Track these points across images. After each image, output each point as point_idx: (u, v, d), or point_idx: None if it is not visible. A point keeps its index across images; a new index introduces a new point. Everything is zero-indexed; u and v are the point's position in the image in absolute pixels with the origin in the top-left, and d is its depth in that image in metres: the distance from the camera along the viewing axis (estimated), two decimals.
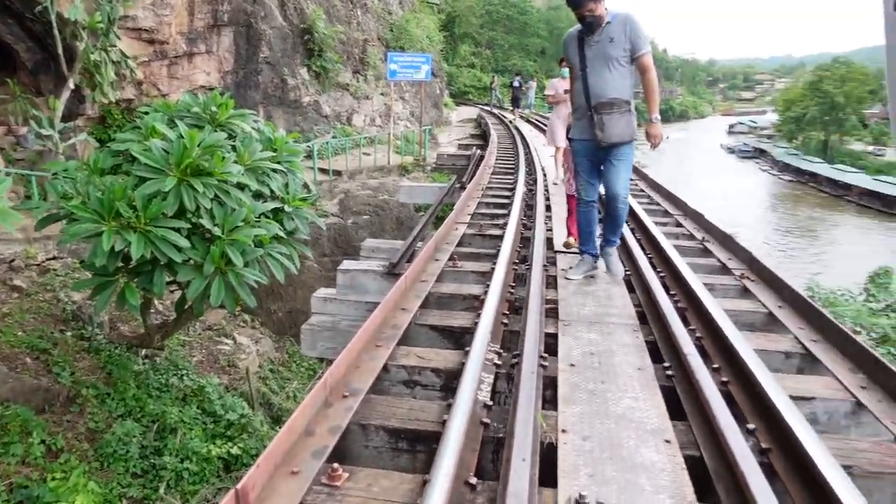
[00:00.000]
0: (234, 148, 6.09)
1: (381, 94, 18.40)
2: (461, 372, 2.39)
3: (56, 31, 9.05)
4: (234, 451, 7.21)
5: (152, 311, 9.53)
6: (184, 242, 5.26)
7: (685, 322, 3.22)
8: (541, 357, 2.55)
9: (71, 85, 9.72)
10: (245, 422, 7.98)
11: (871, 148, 71.32)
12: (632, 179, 9.28)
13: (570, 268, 4.16)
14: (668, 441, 2.07)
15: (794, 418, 2.02)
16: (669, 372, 2.66)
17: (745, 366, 2.44)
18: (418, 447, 2.10)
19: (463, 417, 1.97)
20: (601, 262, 4.23)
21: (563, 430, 2.12)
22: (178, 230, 5.25)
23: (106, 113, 11.35)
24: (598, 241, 4.25)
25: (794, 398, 2.34)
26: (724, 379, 2.55)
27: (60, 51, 9.27)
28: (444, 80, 28.42)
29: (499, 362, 2.60)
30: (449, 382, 2.55)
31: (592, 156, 3.99)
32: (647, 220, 5.45)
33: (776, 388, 2.23)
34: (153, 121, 5.86)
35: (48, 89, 10.53)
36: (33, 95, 10.64)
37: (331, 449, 1.93)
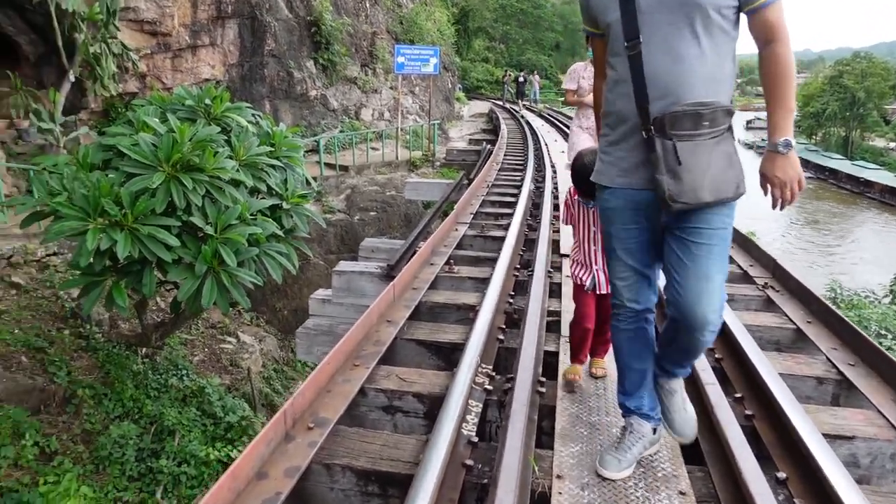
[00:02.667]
0: (228, 142, 5.86)
1: (390, 87, 18.10)
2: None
3: (55, 23, 8.86)
4: (234, 454, 7.02)
5: (154, 308, 9.37)
6: (173, 241, 5.04)
7: None
8: (538, 382, 2.25)
9: (71, 78, 9.55)
10: (246, 424, 7.79)
11: (892, 144, 69.86)
12: None
13: (607, 452, 2.04)
14: (682, 493, 1.77)
15: (831, 468, 1.71)
16: None
17: (773, 397, 2.12)
18: (391, 491, 1.82)
19: (438, 461, 1.68)
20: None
21: (559, 476, 1.82)
22: (168, 228, 5.04)
23: (109, 106, 11.18)
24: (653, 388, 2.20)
25: (830, 437, 2.03)
26: (749, 412, 2.23)
27: (60, 43, 9.10)
28: (455, 75, 28.09)
29: (490, 387, 2.30)
30: (433, 409, 2.25)
31: (647, 221, 2.01)
32: None
33: (810, 428, 1.92)
34: (145, 114, 5.65)
35: (50, 82, 10.36)
36: (36, 88, 10.48)
37: (285, 496, 1.65)
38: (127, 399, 7.05)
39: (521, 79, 27.83)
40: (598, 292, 2.57)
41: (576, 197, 2.67)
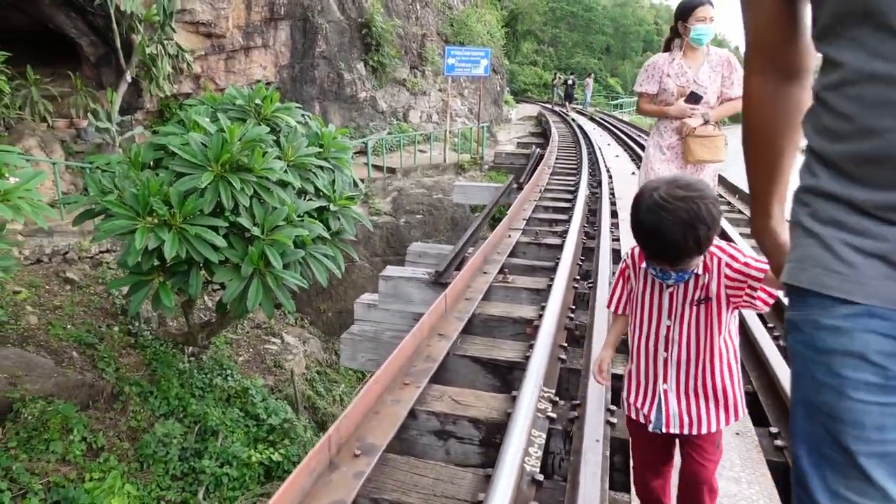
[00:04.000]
0: (277, 143, 5.80)
1: (439, 90, 18.01)
2: (505, 426, 1.88)
3: (115, 24, 9.05)
4: (276, 457, 6.98)
5: (201, 307, 9.45)
6: (220, 242, 4.99)
7: None
8: (607, 410, 2.01)
9: (128, 78, 9.74)
10: (288, 427, 7.74)
11: None
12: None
13: None
14: None
15: None
16: (779, 442, 2.04)
17: None
18: None
19: None
20: None
21: None
22: (215, 229, 4.99)
23: (164, 106, 11.38)
24: None
25: None
26: None
27: (119, 44, 9.29)
28: (504, 78, 27.89)
29: (553, 414, 2.07)
30: (490, 436, 2.04)
31: None
32: (734, 232, 4.75)
33: None
34: (196, 114, 5.64)
35: (109, 83, 10.61)
36: (95, 89, 10.75)
37: None
38: (172, 398, 7.08)
39: (569, 81, 28.12)
40: (667, 431, 1.56)
41: (642, 264, 1.61)
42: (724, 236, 4.55)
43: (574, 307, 3.20)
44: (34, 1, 9.42)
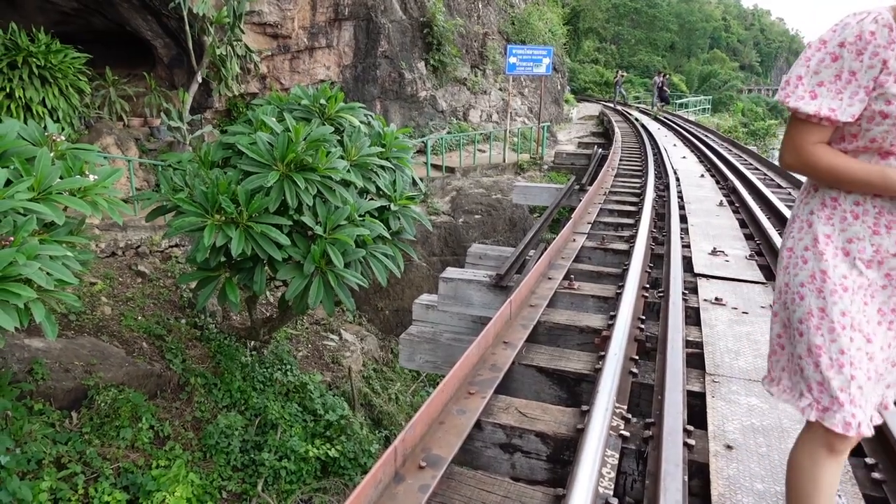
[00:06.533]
0: (340, 142, 5.85)
1: (500, 89, 17.87)
2: (573, 442, 1.80)
3: (187, 27, 9.36)
4: (332, 452, 7.06)
5: (263, 302, 9.67)
6: (284, 240, 5.07)
7: None
8: (685, 431, 1.89)
9: (199, 78, 10.05)
10: (344, 423, 7.82)
11: None
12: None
13: None
14: None
15: None
16: (877, 475, 1.87)
17: None
18: None
19: None
20: None
21: None
22: (279, 227, 5.08)
23: (231, 106, 11.71)
24: None
25: None
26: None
27: (191, 45, 9.60)
28: (565, 76, 27.44)
29: (626, 432, 1.96)
30: (558, 452, 1.96)
31: None
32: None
33: None
34: (263, 113, 5.75)
35: (181, 83, 11.00)
36: (168, 89, 11.17)
37: None
38: (235, 390, 7.25)
39: (658, 81, 27.31)
40: None
41: None
42: None
43: (644, 317, 3.06)
44: (114, 5, 9.85)
